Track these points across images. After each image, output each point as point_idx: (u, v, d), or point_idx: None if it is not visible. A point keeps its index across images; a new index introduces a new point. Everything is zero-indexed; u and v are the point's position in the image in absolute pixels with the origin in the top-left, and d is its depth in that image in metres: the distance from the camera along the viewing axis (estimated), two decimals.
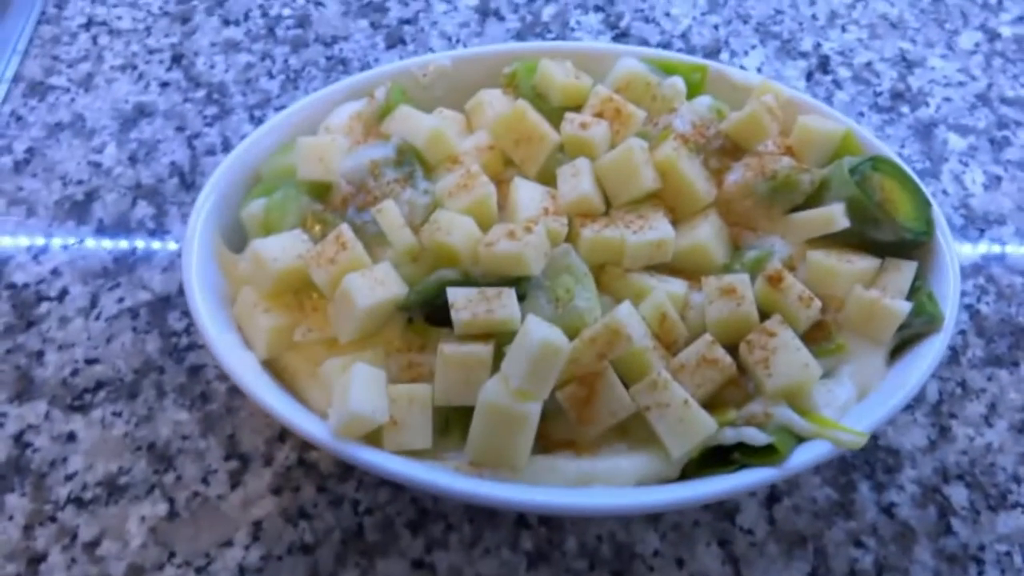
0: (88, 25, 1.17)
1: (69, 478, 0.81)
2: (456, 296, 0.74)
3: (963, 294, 0.95)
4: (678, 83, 0.91)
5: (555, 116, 0.87)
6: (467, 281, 0.77)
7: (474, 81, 0.94)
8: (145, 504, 0.80)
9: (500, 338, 0.74)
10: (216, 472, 0.82)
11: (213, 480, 0.81)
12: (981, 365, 0.90)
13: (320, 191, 0.84)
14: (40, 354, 0.88)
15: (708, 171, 0.85)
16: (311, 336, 0.78)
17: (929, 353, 0.77)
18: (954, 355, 0.91)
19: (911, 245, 0.82)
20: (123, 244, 0.96)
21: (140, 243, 0.96)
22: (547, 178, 0.85)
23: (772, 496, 0.82)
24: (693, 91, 0.93)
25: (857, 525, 0.81)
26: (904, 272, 0.80)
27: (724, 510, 0.81)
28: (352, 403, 0.70)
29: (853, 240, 0.82)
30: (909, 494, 0.82)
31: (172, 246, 0.97)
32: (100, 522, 0.79)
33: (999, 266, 0.98)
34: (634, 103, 0.88)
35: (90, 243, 0.96)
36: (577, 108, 0.89)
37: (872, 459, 0.84)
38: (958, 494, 0.83)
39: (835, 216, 0.80)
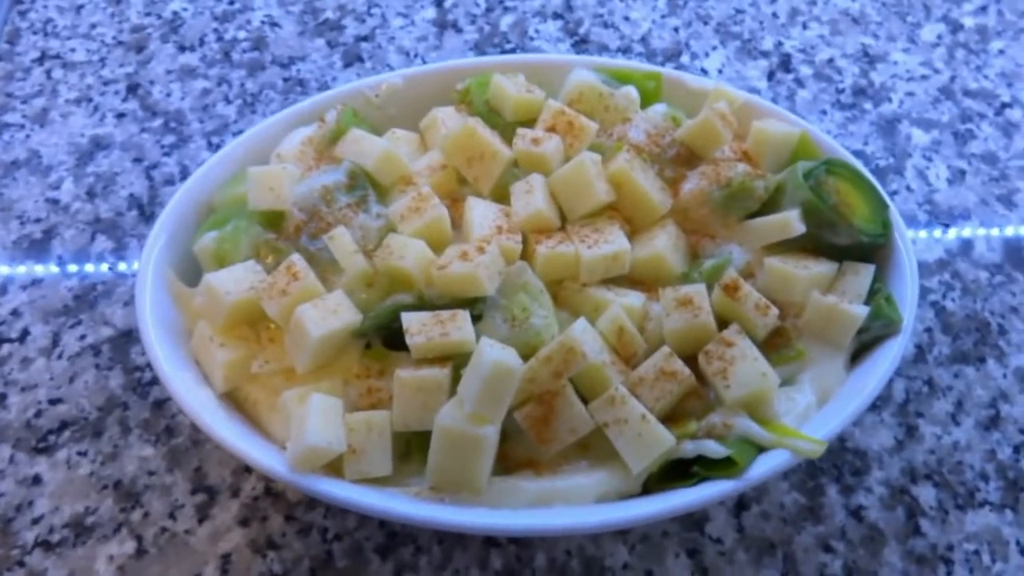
0: (41, 59, 1.16)
1: (36, 521, 0.81)
2: (410, 320, 0.74)
3: (929, 291, 0.95)
4: (631, 92, 0.91)
5: (509, 131, 0.87)
6: (422, 305, 0.76)
7: (428, 98, 0.94)
8: (113, 543, 0.79)
9: (457, 360, 0.74)
10: (183, 507, 0.81)
11: (180, 515, 0.81)
12: (947, 362, 0.90)
13: (273, 220, 0.83)
14: (3, 397, 0.87)
15: (664, 180, 0.85)
16: (268, 368, 0.77)
17: (887, 357, 0.76)
18: (920, 353, 0.91)
19: (869, 248, 0.82)
20: (83, 280, 0.95)
21: (100, 278, 0.96)
22: (502, 194, 0.84)
23: (740, 504, 0.81)
24: (648, 99, 0.92)
25: (825, 529, 0.80)
26: (862, 275, 0.80)
27: (693, 520, 0.80)
28: (308, 435, 0.70)
29: (811, 245, 0.82)
30: (877, 496, 0.82)
31: (133, 278, 0.96)
32: (68, 564, 0.78)
33: (964, 261, 0.98)
34: (587, 115, 0.88)
35: (50, 281, 0.96)
36: (531, 122, 0.88)
37: (839, 462, 0.84)
38: (926, 494, 0.82)
39: (791, 222, 0.80)
